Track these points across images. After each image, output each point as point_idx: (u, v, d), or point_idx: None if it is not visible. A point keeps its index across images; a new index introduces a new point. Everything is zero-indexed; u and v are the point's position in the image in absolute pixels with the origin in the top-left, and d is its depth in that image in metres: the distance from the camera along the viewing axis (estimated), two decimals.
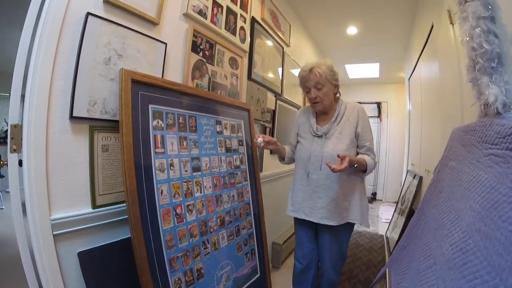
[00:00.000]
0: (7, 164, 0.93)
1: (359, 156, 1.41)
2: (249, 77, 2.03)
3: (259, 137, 1.43)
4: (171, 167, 1.17)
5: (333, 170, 1.18)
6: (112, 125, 1.07)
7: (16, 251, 0.91)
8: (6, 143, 0.93)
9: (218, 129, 1.50)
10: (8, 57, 4.24)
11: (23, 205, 0.90)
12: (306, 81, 1.42)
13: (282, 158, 1.66)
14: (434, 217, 0.89)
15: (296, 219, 1.54)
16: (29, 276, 0.91)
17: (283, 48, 2.64)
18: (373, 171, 1.46)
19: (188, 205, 1.22)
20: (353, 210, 1.42)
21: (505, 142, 0.62)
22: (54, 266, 0.90)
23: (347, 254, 1.57)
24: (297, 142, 1.60)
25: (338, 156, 1.21)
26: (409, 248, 1.04)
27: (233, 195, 1.53)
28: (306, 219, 1.45)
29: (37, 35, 0.90)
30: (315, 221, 1.41)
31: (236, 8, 1.80)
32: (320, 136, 1.45)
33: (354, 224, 1.46)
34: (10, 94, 0.91)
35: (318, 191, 1.40)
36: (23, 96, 0.91)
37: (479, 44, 0.73)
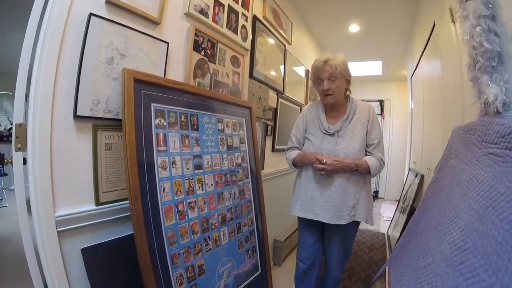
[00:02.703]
0: (11, 163, 0.94)
1: (363, 157, 1.40)
2: (251, 75, 2.03)
3: (323, 158, 1.34)
4: (173, 165, 1.19)
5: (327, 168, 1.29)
6: (115, 124, 1.08)
7: (20, 248, 0.93)
8: (10, 141, 0.94)
9: (219, 127, 1.51)
10: (9, 57, 4.28)
11: (28, 202, 0.91)
12: (320, 73, 1.41)
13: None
14: (434, 216, 0.90)
15: (301, 219, 1.51)
16: (33, 272, 0.93)
17: (285, 46, 2.63)
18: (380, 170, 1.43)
19: (190, 202, 1.24)
20: (360, 208, 1.40)
21: (505, 141, 0.62)
22: (58, 263, 0.92)
23: (351, 251, 1.57)
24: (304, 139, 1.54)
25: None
26: (409, 246, 1.05)
27: (234, 193, 1.54)
28: (315, 219, 1.41)
29: (41, 35, 0.91)
30: (325, 221, 1.38)
31: (238, 7, 1.80)
32: (331, 134, 1.42)
33: (359, 222, 1.44)
34: (14, 93, 0.92)
35: (329, 190, 1.38)
36: (27, 95, 0.92)
37: (479, 43, 0.73)
